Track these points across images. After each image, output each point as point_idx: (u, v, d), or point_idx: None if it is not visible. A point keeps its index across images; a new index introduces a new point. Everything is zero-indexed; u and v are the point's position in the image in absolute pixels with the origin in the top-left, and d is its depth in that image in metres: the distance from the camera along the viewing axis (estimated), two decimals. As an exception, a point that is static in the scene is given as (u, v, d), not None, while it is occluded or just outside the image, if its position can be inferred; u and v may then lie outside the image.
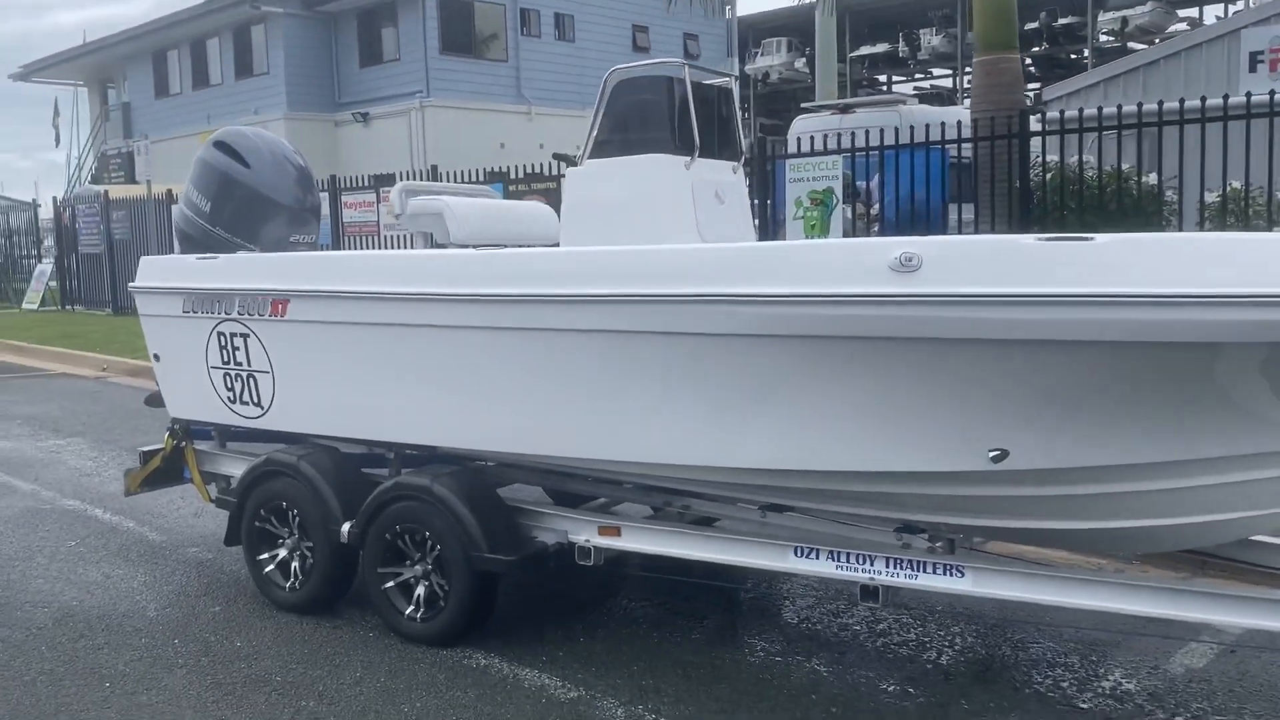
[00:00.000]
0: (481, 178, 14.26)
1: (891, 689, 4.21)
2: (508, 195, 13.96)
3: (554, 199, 13.61)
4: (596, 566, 4.56)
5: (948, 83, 50.03)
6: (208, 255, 5.58)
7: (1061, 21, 41.07)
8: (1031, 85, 28.93)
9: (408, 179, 14.74)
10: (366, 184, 16.58)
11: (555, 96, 27.21)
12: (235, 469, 5.70)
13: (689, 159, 4.88)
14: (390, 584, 4.82)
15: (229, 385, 5.48)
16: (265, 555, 5.28)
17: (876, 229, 10.81)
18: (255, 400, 5.40)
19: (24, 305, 23.91)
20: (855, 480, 3.98)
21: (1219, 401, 3.45)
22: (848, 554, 4.15)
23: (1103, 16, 39.43)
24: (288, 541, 5.21)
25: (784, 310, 3.66)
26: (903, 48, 49.71)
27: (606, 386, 4.18)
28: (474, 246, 5.24)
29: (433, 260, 4.82)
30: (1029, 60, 39.38)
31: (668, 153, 4.85)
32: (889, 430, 3.78)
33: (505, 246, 5.26)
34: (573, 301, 4.10)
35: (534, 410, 4.42)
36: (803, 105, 16.78)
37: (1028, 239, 3.45)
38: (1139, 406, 3.52)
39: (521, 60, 27.12)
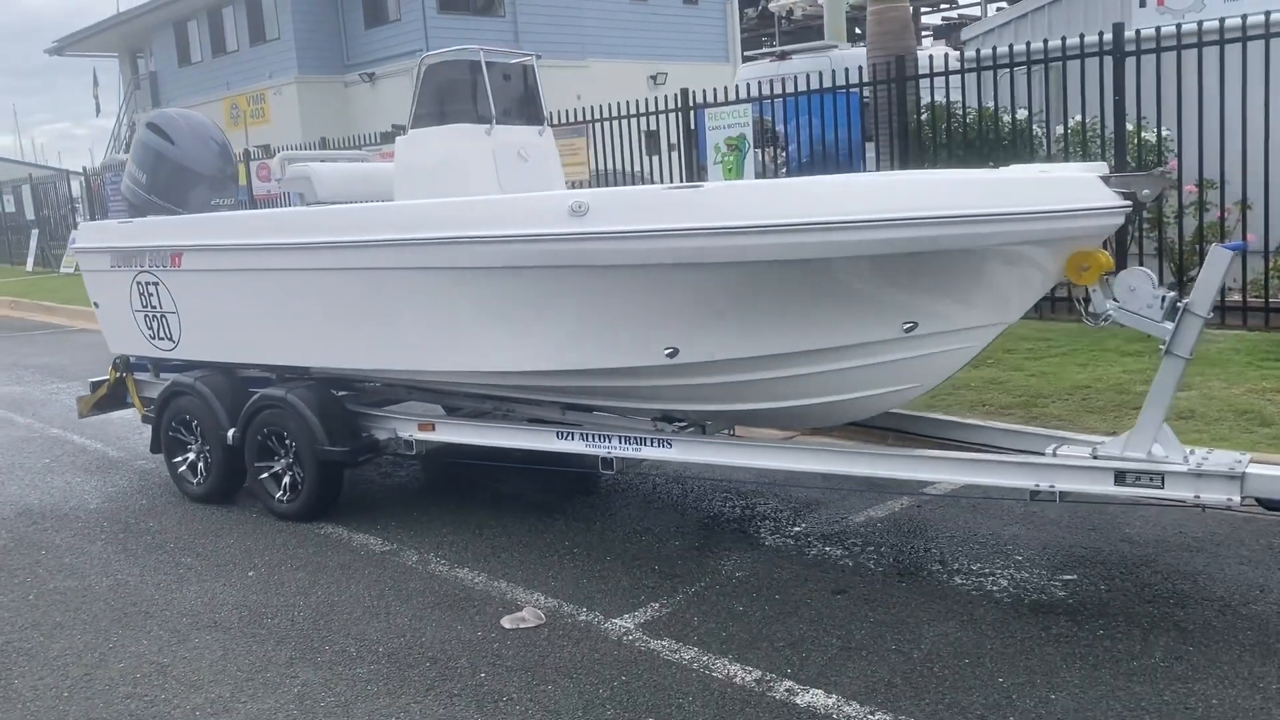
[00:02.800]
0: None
1: (648, 532, 5.41)
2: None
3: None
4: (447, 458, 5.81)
5: (976, 12, 49.75)
6: (127, 219, 6.86)
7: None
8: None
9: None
10: (376, 141, 17.44)
11: (554, 48, 28.02)
12: (161, 393, 7.02)
13: (489, 127, 6.03)
14: (264, 475, 6.12)
15: (149, 325, 6.78)
16: (178, 459, 6.62)
17: (784, 171, 11.82)
18: (168, 336, 6.69)
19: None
20: (573, 377, 5.17)
21: (813, 304, 4.56)
22: (594, 435, 5.35)
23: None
24: (193, 447, 6.53)
25: (499, 248, 4.84)
26: (923, -21, 49.47)
27: (400, 313, 5.39)
28: (332, 204, 6.48)
29: (272, 217, 6.07)
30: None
31: (470, 122, 6.02)
32: (592, 337, 4.94)
33: (357, 204, 6.47)
34: (355, 247, 5.32)
35: (359, 333, 5.64)
36: (744, 55, 17.60)
37: (659, 188, 4.57)
38: (764, 311, 4.64)
39: (519, 14, 28.04)
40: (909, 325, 4.58)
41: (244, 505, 6.34)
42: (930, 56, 11.32)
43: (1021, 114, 10.28)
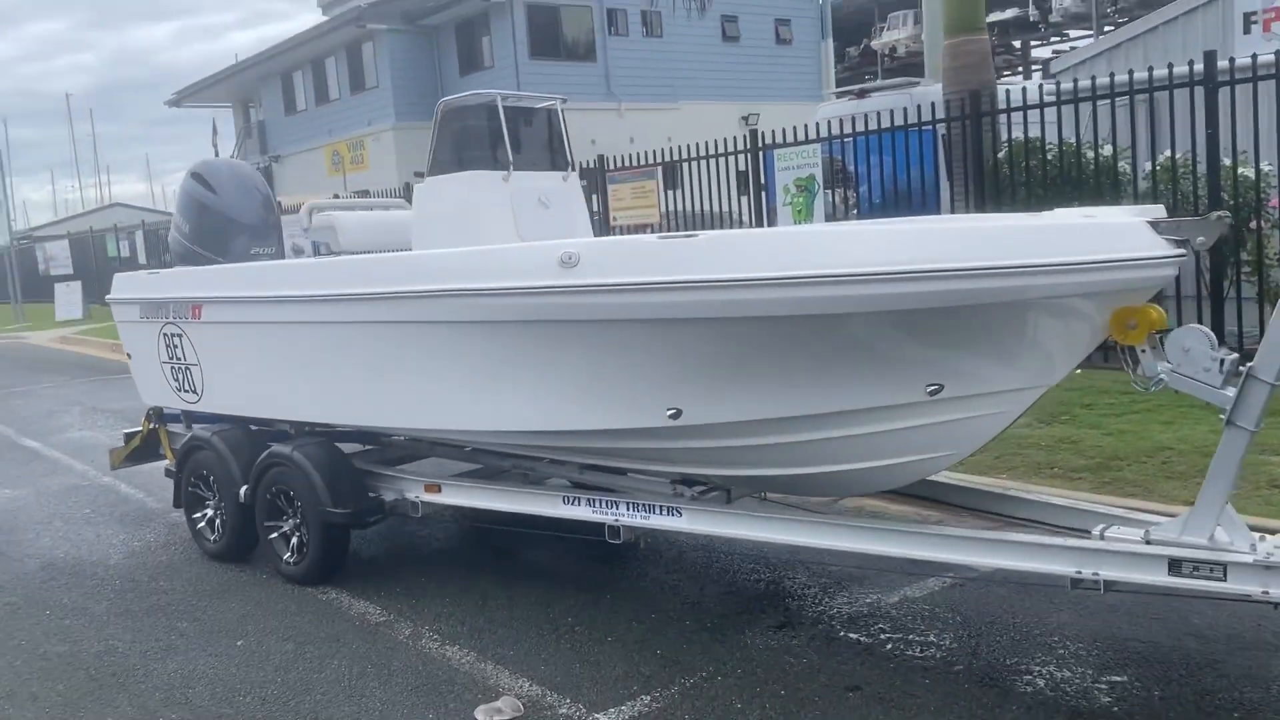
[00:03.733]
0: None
1: (660, 608, 4.99)
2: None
3: (585, 197, 14.60)
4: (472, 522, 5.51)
5: (1085, 44, 48.31)
6: (155, 270, 6.79)
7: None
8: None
9: None
10: None
11: (644, 91, 28.12)
12: (192, 446, 6.90)
13: (506, 173, 5.76)
14: (274, 535, 5.90)
15: (175, 377, 6.68)
16: (198, 514, 6.46)
17: (855, 213, 11.32)
18: (193, 389, 6.56)
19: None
20: (575, 438, 4.80)
21: (824, 365, 4.12)
22: (600, 500, 4.97)
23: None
24: (211, 503, 6.37)
25: (488, 301, 4.52)
26: (1033, 11, 48.28)
27: (395, 369, 5.12)
28: (354, 254, 6.30)
29: (275, 269, 5.87)
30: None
31: (486, 168, 5.76)
32: (590, 396, 4.57)
33: (380, 252, 6.27)
34: (344, 300, 5.09)
35: (359, 388, 5.39)
36: (824, 92, 17.16)
37: (652, 238, 4.20)
38: (770, 370, 4.21)
39: (610, 59, 28.13)
40: (933, 388, 4.10)
41: (258, 565, 6.13)
42: (1008, 90, 10.70)
43: (1108, 150, 9.62)
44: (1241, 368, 3.64)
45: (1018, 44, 50.47)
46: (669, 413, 4.42)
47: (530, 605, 5.21)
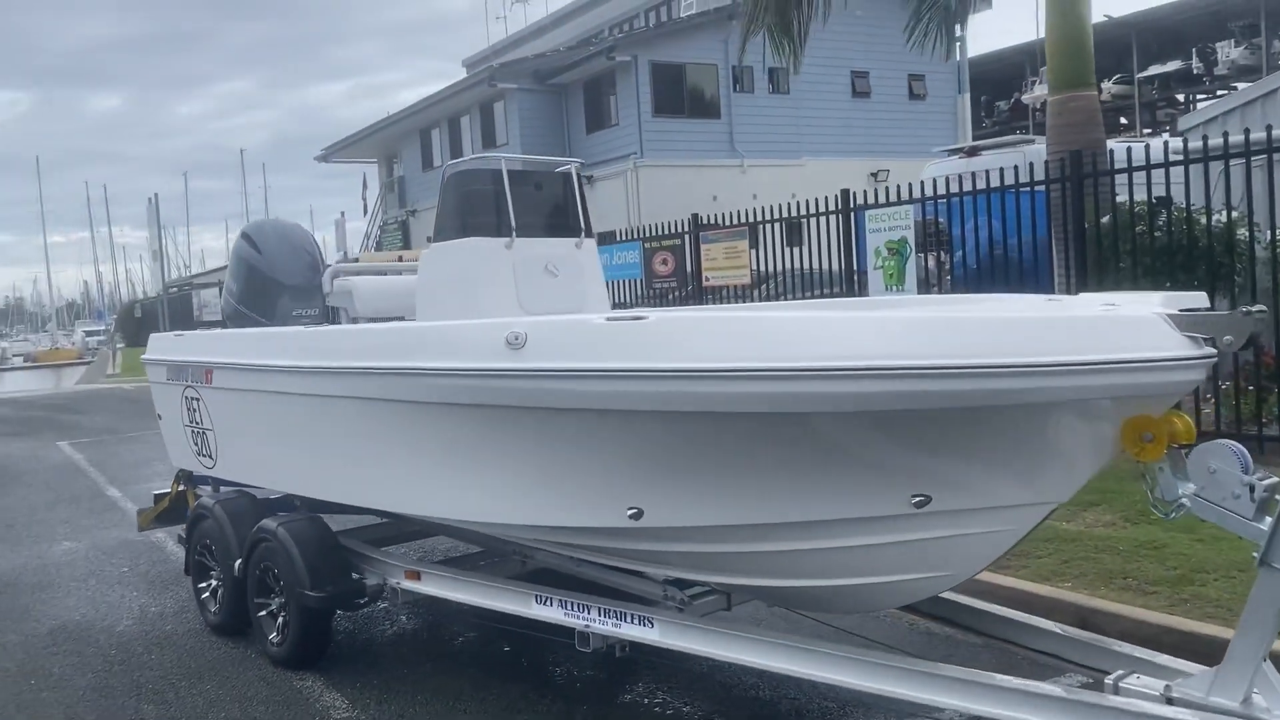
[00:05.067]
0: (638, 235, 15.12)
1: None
2: (644, 253, 14.76)
3: (679, 256, 14.28)
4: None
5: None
6: (181, 333, 6.72)
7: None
8: None
9: (622, 236, 15.80)
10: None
11: (769, 148, 27.73)
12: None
13: (509, 240, 5.44)
14: (262, 613, 5.64)
15: (194, 440, 6.57)
16: (203, 584, 6.28)
17: (949, 280, 10.60)
18: (209, 454, 6.44)
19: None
20: (540, 533, 4.38)
21: (795, 468, 3.60)
22: (572, 603, 4.52)
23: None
24: (215, 574, 6.18)
25: (435, 381, 4.18)
26: (1197, 63, 45.93)
27: (364, 447, 4.82)
28: (370, 320, 6.09)
29: (265, 337, 5.67)
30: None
31: (488, 235, 5.45)
32: (547, 490, 4.15)
33: (397, 319, 6.02)
34: (308, 372, 4.84)
35: (335, 464, 5.12)
36: (932, 150, 16.39)
37: (597, 319, 3.77)
38: (734, 472, 3.72)
39: (734, 115, 27.87)
40: (919, 499, 3.53)
41: (252, 643, 5.89)
42: (1129, 149, 9.78)
43: (1223, 215, 8.67)
44: (1279, 496, 2.98)
45: (1181, 98, 48.06)
46: (629, 513, 3.96)
47: (501, 711, 4.78)
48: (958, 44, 31.43)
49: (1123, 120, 43.06)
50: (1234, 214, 8.63)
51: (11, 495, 11.46)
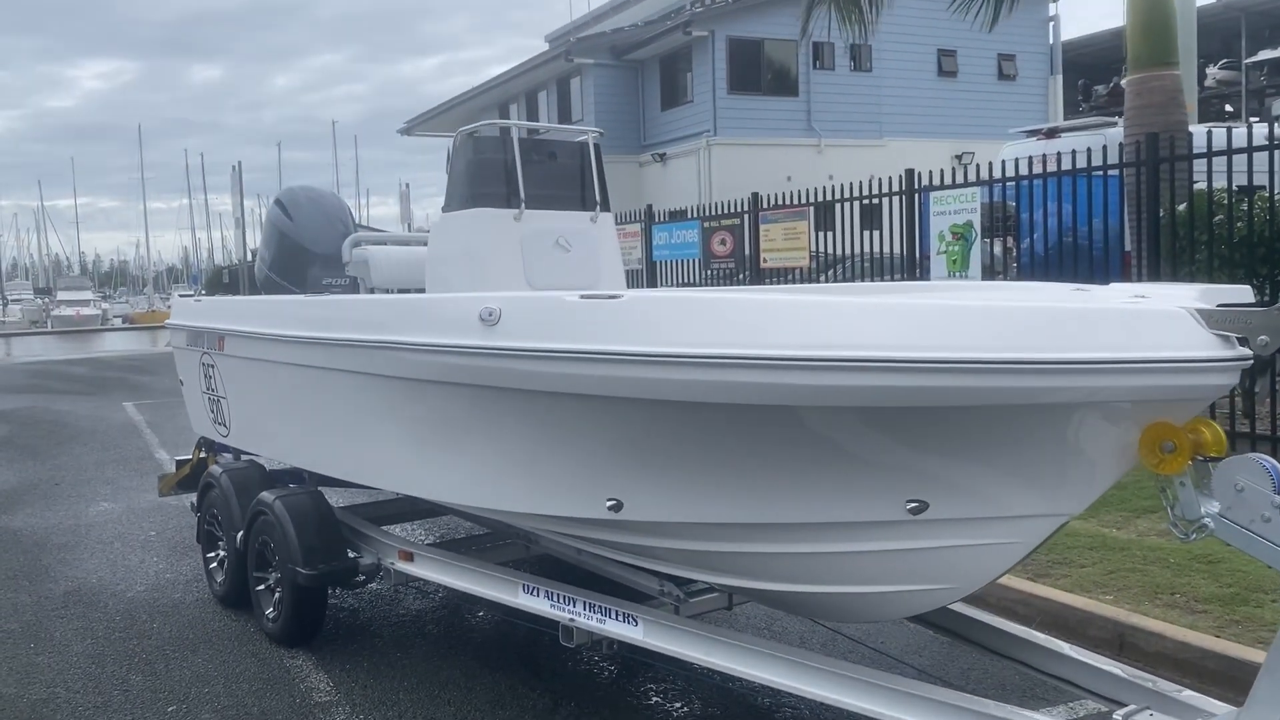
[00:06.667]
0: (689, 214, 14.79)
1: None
2: (703, 232, 14.42)
3: (738, 236, 13.90)
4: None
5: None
6: (199, 297, 6.63)
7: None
8: None
9: (697, 212, 15.07)
10: (664, 219, 16.56)
11: (848, 128, 27.07)
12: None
13: (518, 211, 5.19)
14: (260, 587, 5.52)
15: (211, 408, 6.48)
16: (210, 554, 6.20)
17: (1015, 266, 10.07)
18: (224, 422, 6.34)
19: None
20: (522, 520, 4.15)
21: (779, 464, 3.30)
22: (560, 595, 4.29)
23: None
24: (222, 544, 6.09)
25: (405, 356, 3.96)
26: (1318, 47, 43.68)
27: (350, 419, 4.64)
28: (385, 290, 5.92)
29: (266, 304, 5.51)
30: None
31: (497, 206, 5.20)
32: (524, 476, 3.92)
33: (416, 291, 5.84)
34: (300, 342, 4.65)
35: (326, 438, 4.96)
36: (1009, 130, 15.67)
37: (571, 296, 3.49)
38: (716, 466, 3.43)
39: (813, 93, 27.23)
40: (915, 504, 3.21)
41: (254, 616, 5.78)
42: (1208, 132, 9.13)
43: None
44: (1316, 521, 2.59)
45: (1291, 84, 45.73)
46: (609, 504, 3.71)
47: (484, 704, 4.57)
48: (1050, 23, 30.43)
49: (1228, 108, 41.26)
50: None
51: (67, 453, 11.64)
